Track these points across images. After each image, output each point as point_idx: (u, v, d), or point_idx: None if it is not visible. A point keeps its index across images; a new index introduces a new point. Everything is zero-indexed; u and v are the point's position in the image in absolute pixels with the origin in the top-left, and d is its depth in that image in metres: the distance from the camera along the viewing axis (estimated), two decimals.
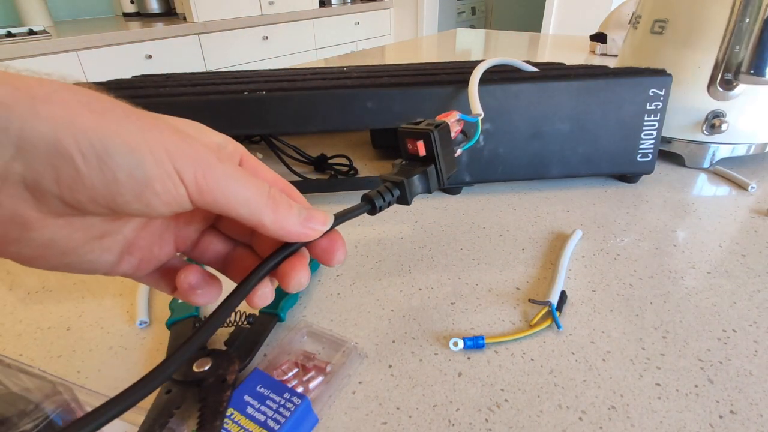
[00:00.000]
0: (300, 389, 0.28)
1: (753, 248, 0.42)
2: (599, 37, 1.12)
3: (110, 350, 0.33)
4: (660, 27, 0.53)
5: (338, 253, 0.21)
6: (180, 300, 0.35)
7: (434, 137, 0.27)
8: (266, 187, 0.18)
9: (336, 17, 2.70)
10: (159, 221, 0.20)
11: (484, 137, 0.49)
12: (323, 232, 0.20)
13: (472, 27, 3.84)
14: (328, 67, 0.70)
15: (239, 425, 0.25)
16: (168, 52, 1.97)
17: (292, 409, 0.26)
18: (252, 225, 0.18)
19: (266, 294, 0.20)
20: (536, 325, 0.33)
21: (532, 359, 0.31)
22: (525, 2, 3.78)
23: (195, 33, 2.04)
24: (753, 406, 0.27)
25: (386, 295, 0.37)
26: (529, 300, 0.36)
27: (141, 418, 0.25)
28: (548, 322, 0.33)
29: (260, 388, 0.27)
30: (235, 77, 0.59)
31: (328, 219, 0.20)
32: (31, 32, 1.67)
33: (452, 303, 0.36)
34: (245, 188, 0.17)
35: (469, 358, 0.31)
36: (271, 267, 0.20)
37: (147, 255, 0.20)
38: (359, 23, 2.87)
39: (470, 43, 1.39)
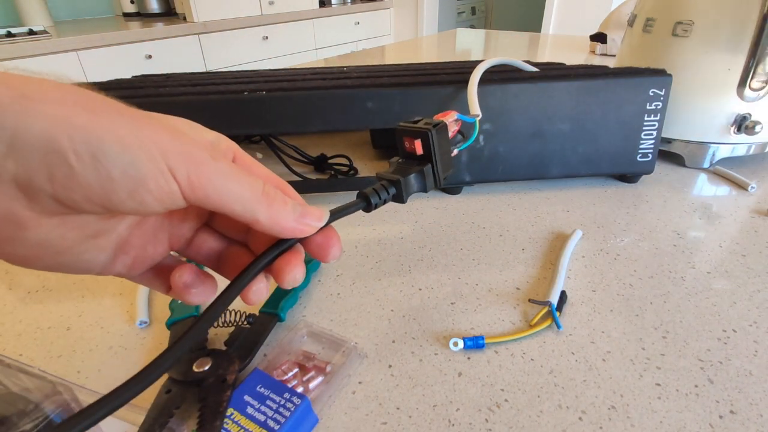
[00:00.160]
0: (300, 389, 0.28)
1: (753, 248, 0.42)
2: (599, 37, 1.12)
3: (110, 350, 0.33)
4: (684, 30, 0.52)
5: (333, 249, 0.21)
6: (179, 300, 0.35)
7: (432, 136, 0.27)
8: (260, 184, 0.18)
9: (336, 17, 2.70)
10: (153, 219, 0.20)
11: (484, 137, 0.49)
12: (318, 228, 0.20)
13: (472, 27, 3.84)
14: (328, 67, 0.70)
15: (239, 425, 0.25)
16: (168, 52, 1.97)
17: (292, 409, 0.26)
18: (247, 221, 0.18)
19: (261, 290, 0.20)
20: (536, 325, 0.33)
21: (532, 359, 0.31)
22: (525, 2, 3.78)
23: (195, 33, 2.04)
24: (753, 406, 0.27)
25: (386, 295, 0.37)
26: (529, 300, 0.36)
27: (141, 418, 0.25)
28: (548, 322, 0.33)
29: (260, 388, 0.27)
30: (235, 77, 0.59)
31: (324, 215, 0.20)
32: (31, 32, 1.67)
33: (452, 303, 0.36)
34: (239, 185, 0.17)
35: (469, 358, 0.31)
36: (267, 263, 0.20)
37: (141, 254, 0.20)
38: (359, 23, 2.87)
39: (470, 43, 1.39)
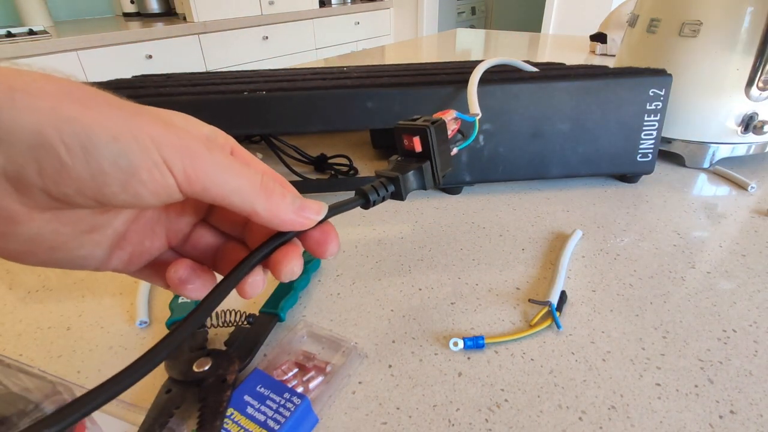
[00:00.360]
0: (300, 389, 0.28)
1: (753, 248, 0.42)
2: (599, 37, 1.12)
3: (110, 350, 0.33)
4: (692, 30, 0.52)
5: (331, 245, 0.21)
6: (180, 300, 0.35)
7: (430, 134, 0.27)
8: (258, 176, 0.18)
9: (336, 17, 2.70)
10: (150, 214, 0.20)
11: (485, 137, 0.49)
12: (317, 222, 0.20)
13: (472, 27, 3.84)
14: (328, 67, 0.70)
15: (239, 425, 0.25)
16: (168, 52, 1.97)
17: (292, 409, 0.26)
18: (245, 213, 0.18)
19: (257, 282, 0.19)
20: (536, 325, 0.33)
21: (532, 359, 0.31)
22: (525, 2, 3.78)
23: (195, 33, 2.04)
24: (753, 406, 0.27)
25: (386, 295, 0.37)
26: (529, 300, 0.36)
27: (141, 418, 0.25)
28: (548, 322, 0.33)
29: (260, 388, 0.27)
30: (235, 77, 0.59)
31: (322, 209, 0.20)
32: (31, 32, 1.67)
33: (452, 303, 0.36)
34: (236, 176, 0.17)
35: (469, 358, 0.31)
36: (264, 255, 0.19)
37: (138, 249, 0.19)
38: (359, 23, 2.87)
39: (470, 43, 1.39)
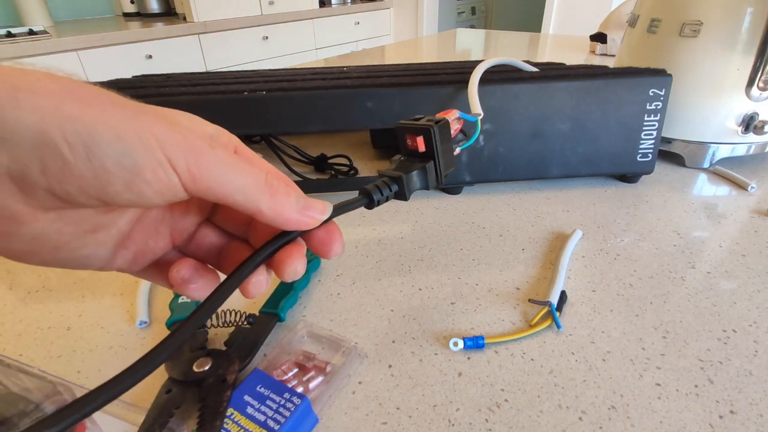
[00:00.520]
0: (300, 389, 0.28)
1: (753, 248, 0.42)
2: (599, 37, 1.12)
3: (110, 350, 0.33)
4: (693, 30, 0.52)
5: (336, 245, 0.20)
6: (180, 300, 0.35)
7: (434, 133, 0.27)
8: (263, 174, 0.18)
9: (336, 17, 2.70)
10: (154, 214, 0.20)
11: (485, 137, 0.49)
12: (321, 222, 0.20)
13: (472, 27, 3.84)
14: (328, 67, 0.70)
15: (239, 425, 0.25)
16: (168, 52, 1.97)
17: (292, 409, 0.26)
18: (249, 212, 0.17)
19: (261, 282, 0.19)
20: (536, 325, 0.33)
21: (532, 359, 0.31)
22: (525, 2, 3.78)
23: (195, 33, 2.04)
24: (753, 406, 0.27)
25: (386, 295, 0.37)
26: (529, 300, 0.36)
27: (141, 418, 0.25)
28: (548, 322, 0.33)
29: (260, 388, 0.27)
30: (235, 77, 0.59)
31: (327, 208, 0.20)
32: (31, 32, 1.67)
33: (452, 303, 0.36)
34: (241, 175, 0.17)
35: (469, 358, 0.31)
36: (268, 254, 0.19)
37: (142, 249, 0.19)
38: (359, 23, 2.87)
39: (470, 43, 1.39)
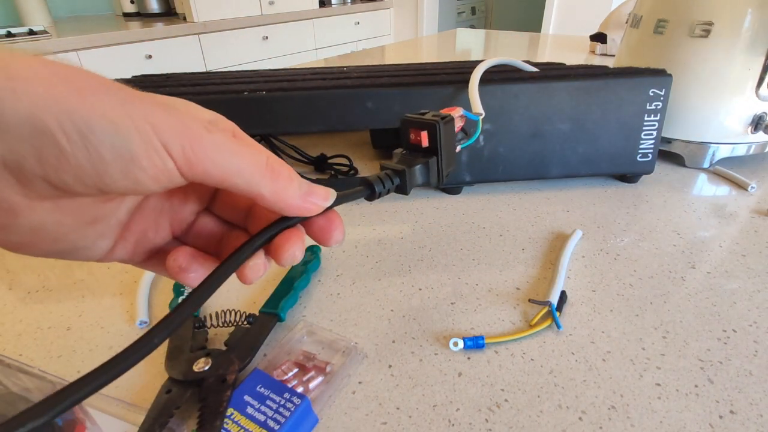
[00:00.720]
0: (300, 389, 0.28)
1: (753, 248, 0.42)
2: (599, 37, 1.12)
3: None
4: (704, 30, 0.53)
5: (336, 233, 0.20)
6: (180, 299, 0.35)
7: (439, 129, 0.27)
8: (263, 157, 0.17)
9: (336, 17, 2.70)
10: (153, 203, 0.19)
11: (485, 137, 0.49)
12: (324, 209, 0.19)
13: (472, 27, 3.84)
14: (328, 67, 0.70)
15: (239, 425, 0.25)
16: (168, 52, 1.96)
17: (292, 409, 0.26)
18: (250, 196, 0.17)
19: (258, 266, 0.19)
20: (536, 325, 0.33)
21: (532, 359, 0.31)
22: (525, 2, 3.78)
23: (195, 33, 2.04)
24: (753, 406, 0.27)
25: (386, 295, 0.37)
26: (529, 300, 0.36)
27: (141, 418, 0.25)
28: (548, 322, 0.33)
29: (260, 388, 0.27)
30: (235, 77, 0.59)
31: (330, 194, 0.19)
32: (31, 32, 1.68)
33: (452, 303, 0.36)
34: (238, 157, 0.16)
35: (469, 358, 0.31)
36: (267, 238, 0.19)
37: (142, 239, 0.19)
38: (359, 23, 2.87)
39: (470, 43, 1.39)
